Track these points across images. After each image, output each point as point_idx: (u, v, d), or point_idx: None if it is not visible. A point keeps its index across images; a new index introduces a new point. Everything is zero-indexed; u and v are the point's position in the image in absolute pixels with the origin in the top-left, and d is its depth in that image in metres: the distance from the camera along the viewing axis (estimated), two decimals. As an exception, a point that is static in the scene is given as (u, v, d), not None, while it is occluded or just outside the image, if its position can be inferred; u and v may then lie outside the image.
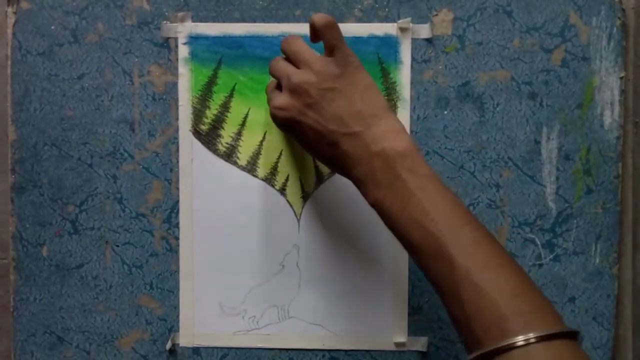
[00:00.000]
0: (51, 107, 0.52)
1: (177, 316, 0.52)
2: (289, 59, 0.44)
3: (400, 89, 0.51)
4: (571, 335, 0.35)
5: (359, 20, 0.51)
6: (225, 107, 0.52)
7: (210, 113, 0.52)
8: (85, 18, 0.51)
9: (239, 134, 0.52)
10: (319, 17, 0.42)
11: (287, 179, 0.52)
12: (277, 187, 0.52)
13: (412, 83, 0.51)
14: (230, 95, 0.52)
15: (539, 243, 0.51)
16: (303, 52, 0.43)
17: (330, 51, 0.42)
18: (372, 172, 0.40)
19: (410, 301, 0.51)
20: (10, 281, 0.52)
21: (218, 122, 0.52)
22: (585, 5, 0.50)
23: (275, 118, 0.43)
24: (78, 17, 0.51)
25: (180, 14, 0.51)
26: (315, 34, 0.42)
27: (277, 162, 0.52)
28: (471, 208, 0.51)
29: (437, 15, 0.51)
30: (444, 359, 0.52)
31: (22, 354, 0.52)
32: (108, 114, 0.52)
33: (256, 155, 0.52)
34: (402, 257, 0.51)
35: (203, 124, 0.52)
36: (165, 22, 0.51)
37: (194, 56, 0.51)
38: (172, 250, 0.52)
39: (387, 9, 0.51)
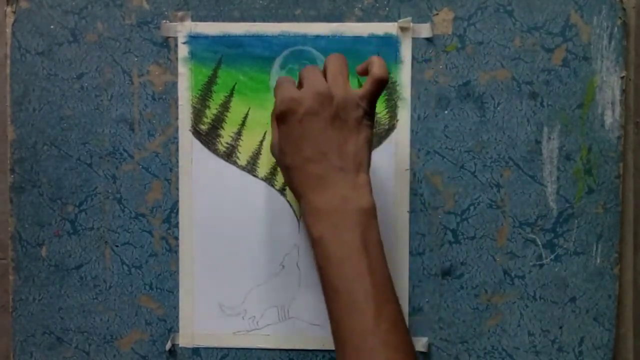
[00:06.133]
0: (50, 106, 0.51)
1: (177, 316, 0.52)
2: (325, 70, 0.44)
3: (401, 89, 0.51)
4: None
5: (359, 19, 0.51)
6: (225, 106, 0.52)
7: (210, 113, 0.51)
8: (85, 17, 0.51)
9: (238, 133, 0.52)
10: (386, 73, 0.43)
11: (287, 179, 0.52)
12: (277, 187, 0.52)
13: (412, 83, 0.51)
14: (230, 95, 0.51)
15: (539, 243, 0.51)
16: (344, 73, 0.43)
17: (368, 98, 0.43)
18: (330, 212, 0.41)
19: (411, 301, 0.51)
20: (10, 281, 0.52)
21: (218, 122, 0.51)
22: (586, 4, 0.50)
23: (282, 106, 0.42)
24: (77, 16, 0.51)
25: (179, 13, 0.51)
26: (375, 82, 0.43)
27: (277, 162, 0.52)
28: (472, 208, 0.51)
29: (437, 14, 0.51)
30: (444, 359, 0.52)
31: (21, 354, 0.52)
32: (107, 114, 0.52)
33: (256, 155, 0.52)
34: (402, 257, 0.51)
35: (203, 124, 0.51)
36: (164, 21, 0.51)
37: (193, 55, 0.51)
38: (172, 250, 0.52)
39: (387, 9, 0.51)
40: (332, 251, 0.41)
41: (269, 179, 0.52)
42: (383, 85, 0.43)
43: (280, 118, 0.42)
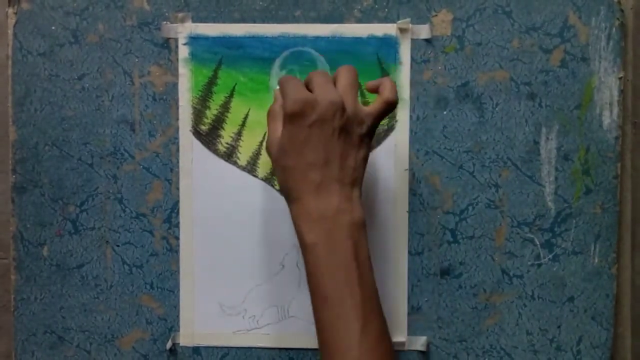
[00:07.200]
0: (52, 107, 0.52)
1: (178, 316, 0.52)
2: (335, 80, 0.44)
3: (400, 90, 0.51)
4: None
5: (359, 20, 0.51)
6: (225, 107, 0.52)
7: (211, 113, 0.52)
8: (86, 18, 0.51)
9: (239, 134, 0.52)
10: (396, 97, 0.44)
11: (287, 179, 0.52)
12: (277, 187, 0.52)
13: (411, 83, 0.51)
14: (230, 96, 0.52)
15: (538, 243, 0.51)
16: (356, 88, 0.44)
17: (374, 117, 0.43)
18: (324, 220, 0.42)
19: (410, 301, 0.52)
20: (11, 281, 0.53)
21: (218, 123, 0.52)
22: (584, 5, 0.50)
23: (295, 106, 0.41)
24: (78, 17, 0.51)
25: (180, 15, 0.51)
26: (385, 104, 0.44)
27: (277, 162, 0.52)
28: (470, 208, 0.51)
29: (436, 15, 0.51)
30: (443, 359, 0.52)
31: (22, 353, 0.53)
32: (108, 114, 0.52)
33: (256, 155, 0.52)
34: (401, 256, 0.51)
35: (203, 124, 0.52)
36: (165, 22, 0.51)
37: (194, 56, 0.52)
38: (172, 250, 0.52)
39: (386, 10, 0.51)
40: (325, 259, 0.41)
41: (269, 179, 0.52)
42: (391, 109, 0.44)
43: (291, 118, 0.42)
